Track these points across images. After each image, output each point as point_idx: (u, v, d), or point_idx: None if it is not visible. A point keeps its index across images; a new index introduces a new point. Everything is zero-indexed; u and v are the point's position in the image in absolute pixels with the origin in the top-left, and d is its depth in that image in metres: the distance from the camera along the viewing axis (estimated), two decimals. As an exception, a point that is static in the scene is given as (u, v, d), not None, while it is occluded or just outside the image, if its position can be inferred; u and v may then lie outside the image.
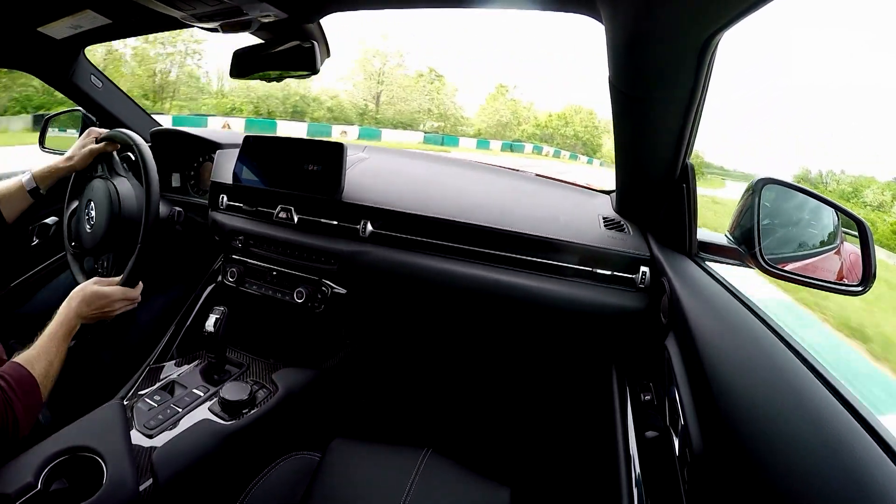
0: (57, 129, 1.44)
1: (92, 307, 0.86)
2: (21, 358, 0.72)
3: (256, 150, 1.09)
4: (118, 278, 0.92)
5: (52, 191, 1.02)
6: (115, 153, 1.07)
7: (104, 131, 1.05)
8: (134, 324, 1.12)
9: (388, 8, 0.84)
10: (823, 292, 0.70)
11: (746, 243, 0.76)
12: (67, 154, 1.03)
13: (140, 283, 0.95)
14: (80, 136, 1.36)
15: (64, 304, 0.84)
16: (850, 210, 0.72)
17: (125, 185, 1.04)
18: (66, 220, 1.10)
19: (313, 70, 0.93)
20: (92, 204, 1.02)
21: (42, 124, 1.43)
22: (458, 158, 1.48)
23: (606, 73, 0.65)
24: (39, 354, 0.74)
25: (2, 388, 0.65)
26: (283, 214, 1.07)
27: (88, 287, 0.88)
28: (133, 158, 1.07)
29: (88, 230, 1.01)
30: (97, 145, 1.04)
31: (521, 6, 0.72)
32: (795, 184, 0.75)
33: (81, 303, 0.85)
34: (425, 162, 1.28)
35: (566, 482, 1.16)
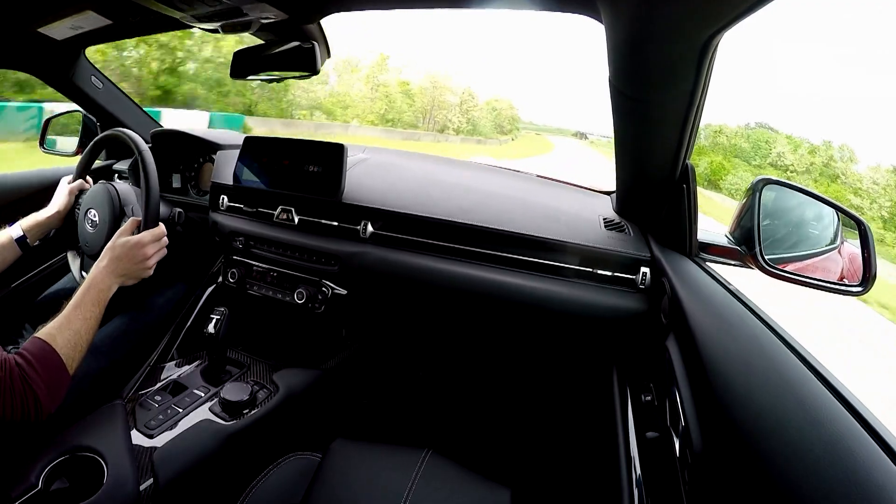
0: (57, 130, 1.45)
1: (124, 260, 0.81)
2: (42, 332, 0.68)
3: (256, 151, 1.09)
4: (138, 219, 0.90)
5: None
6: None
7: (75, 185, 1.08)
8: (135, 324, 1.12)
9: (388, 8, 0.84)
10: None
11: (747, 244, 0.76)
12: (50, 206, 1.05)
13: (161, 223, 0.92)
14: (80, 135, 1.37)
15: (93, 266, 0.80)
16: (850, 210, 0.72)
17: (125, 187, 1.05)
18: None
19: (313, 71, 0.93)
20: (93, 206, 1.02)
21: (42, 125, 1.43)
22: (458, 159, 1.49)
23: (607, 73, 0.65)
24: (62, 326, 0.69)
25: (20, 366, 0.61)
26: (283, 215, 1.07)
27: (115, 241, 0.83)
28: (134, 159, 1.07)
29: (91, 231, 1.01)
30: (74, 183, 1.08)
31: (521, 6, 0.72)
32: (796, 184, 0.75)
33: (112, 259, 0.80)
34: (426, 162, 1.28)
35: (567, 483, 1.16)
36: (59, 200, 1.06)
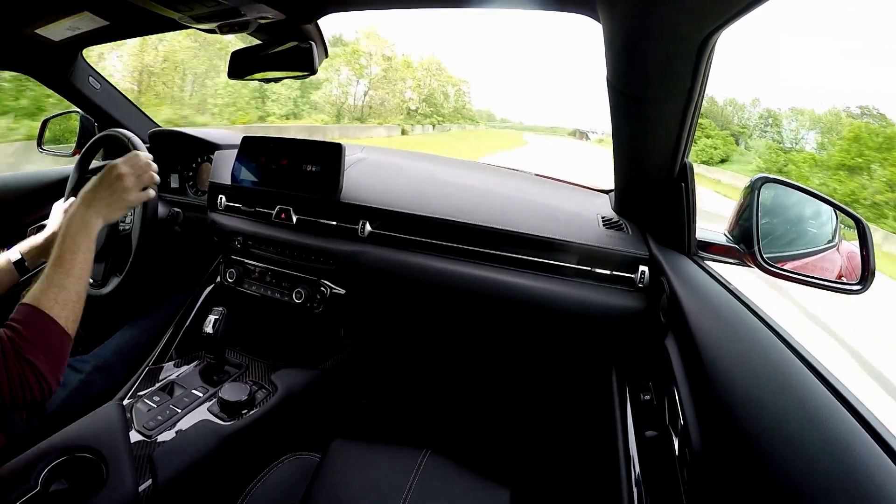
0: (55, 131, 1.45)
1: (100, 190, 0.71)
2: (27, 297, 0.59)
3: (254, 150, 1.09)
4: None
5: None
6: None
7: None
8: (145, 335, 1.12)
9: (388, 8, 0.84)
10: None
11: (745, 242, 0.76)
12: (46, 228, 1.03)
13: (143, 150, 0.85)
14: (78, 135, 1.37)
15: (64, 214, 0.73)
16: (848, 209, 0.72)
17: None
18: None
19: (311, 70, 0.93)
20: None
21: (40, 126, 1.43)
22: (456, 158, 1.48)
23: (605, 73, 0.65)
24: (45, 286, 0.60)
25: (11, 340, 0.53)
26: (281, 215, 1.07)
27: (90, 182, 0.73)
28: None
29: None
30: (66, 203, 1.05)
31: (521, 6, 0.72)
32: (795, 182, 0.75)
33: (86, 194, 0.69)
34: (424, 162, 1.28)
35: (566, 482, 1.16)
36: (54, 222, 1.04)
